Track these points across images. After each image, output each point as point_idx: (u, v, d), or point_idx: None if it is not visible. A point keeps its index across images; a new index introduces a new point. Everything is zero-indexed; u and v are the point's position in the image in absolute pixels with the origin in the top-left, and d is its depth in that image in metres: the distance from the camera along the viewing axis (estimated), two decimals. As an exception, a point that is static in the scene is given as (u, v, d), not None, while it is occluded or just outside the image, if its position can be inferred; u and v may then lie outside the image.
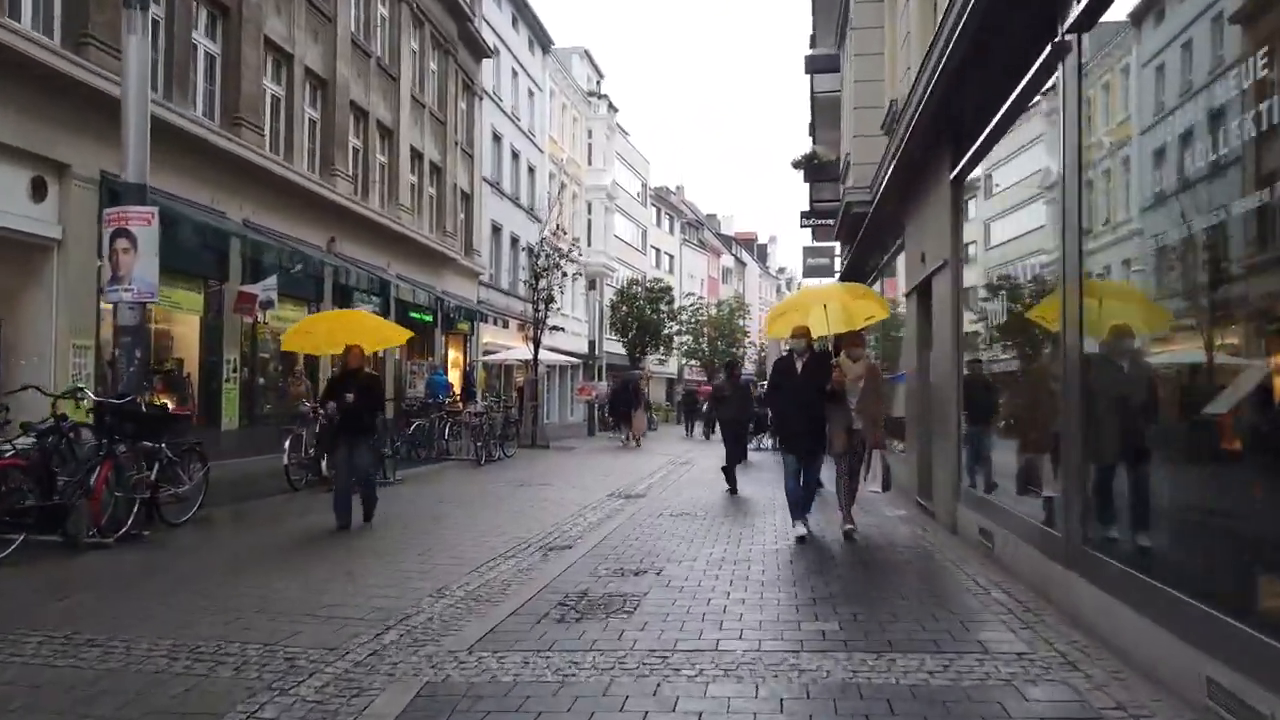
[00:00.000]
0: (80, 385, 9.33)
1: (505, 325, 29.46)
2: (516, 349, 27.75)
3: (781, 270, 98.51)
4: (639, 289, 37.42)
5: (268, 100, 16.62)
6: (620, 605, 5.50)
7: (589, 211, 42.98)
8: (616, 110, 46.05)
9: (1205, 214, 3.78)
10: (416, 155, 23.71)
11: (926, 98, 7.76)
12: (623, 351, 38.10)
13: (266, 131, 16.54)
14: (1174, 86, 4.15)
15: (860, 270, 16.39)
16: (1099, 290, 4.96)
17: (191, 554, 7.37)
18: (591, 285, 28.68)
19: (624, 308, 36.73)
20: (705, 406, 27.35)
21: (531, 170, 35.39)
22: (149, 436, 8.04)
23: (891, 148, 10.42)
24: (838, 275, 19.74)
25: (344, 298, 19.36)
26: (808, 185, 26.38)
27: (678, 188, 69.46)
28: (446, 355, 27.05)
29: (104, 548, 7.23)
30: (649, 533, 8.46)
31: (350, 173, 19.61)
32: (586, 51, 44.12)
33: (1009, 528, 6.44)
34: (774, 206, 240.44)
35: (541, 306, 22.86)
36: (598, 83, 45.97)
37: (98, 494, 7.21)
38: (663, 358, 45.91)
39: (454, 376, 27.94)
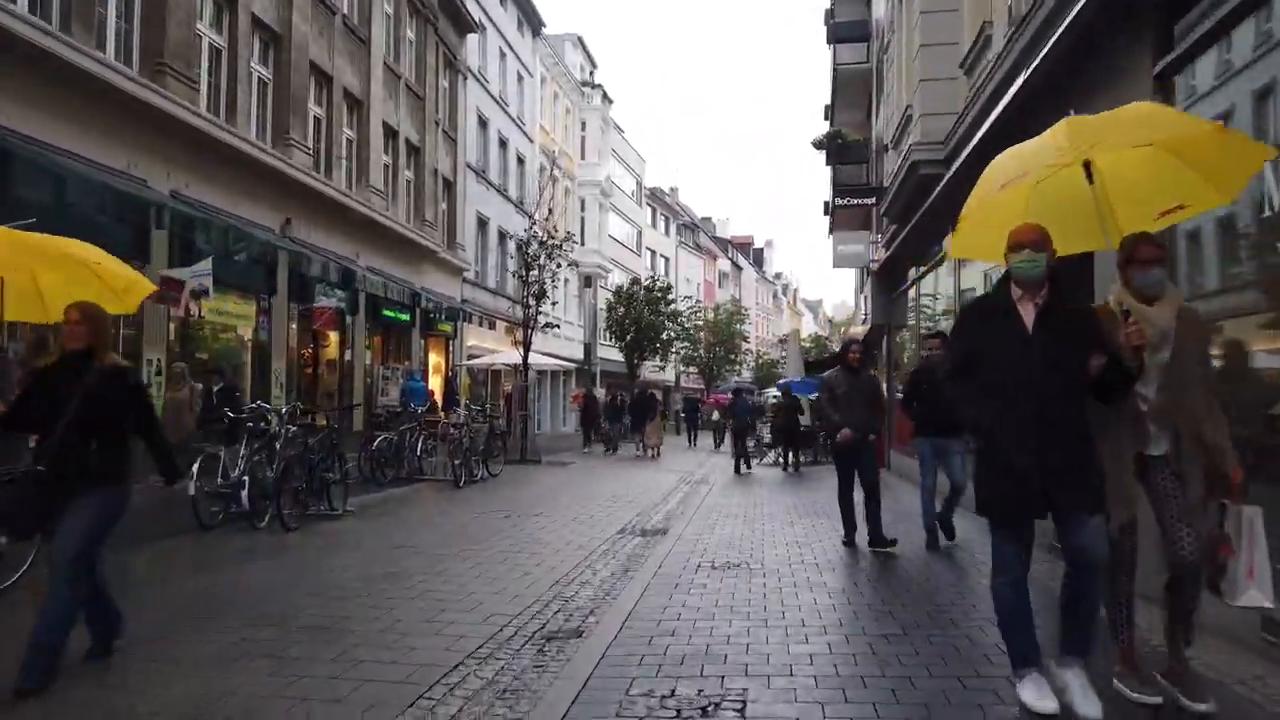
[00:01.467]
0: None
1: (492, 326, 26.77)
2: (504, 353, 25.02)
3: (778, 275, 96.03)
4: (638, 289, 34.76)
5: (204, 49, 13.92)
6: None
7: (582, 208, 40.36)
8: (611, 102, 43.47)
9: None
10: (390, 133, 21.01)
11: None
12: (619, 357, 35.40)
13: (203, 87, 13.85)
14: None
15: (916, 253, 13.76)
16: None
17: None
18: (587, 283, 25.98)
19: (620, 309, 34.06)
20: (714, 416, 24.80)
21: (521, 160, 32.74)
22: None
23: (1003, 69, 7.79)
24: (874, 265, 17.16)
25: (303, 290, 16.63)
26: (830, 169, 23.84)
27: (672, 189, 66.96)
28: (426, 359, 24.31)
29: None
30: (695, 605, 5.76)
31: (310, 145, 16.89)
32: (580, 39, 41.55)
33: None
34: (771, 210, 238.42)
35: (532, 303, 20.16)
36: (591, 73, 43.41)
37: None
38: (661, 364, 43.23)
39: (435, 383, 25.24)
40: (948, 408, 4.38)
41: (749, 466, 17.57)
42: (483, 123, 28.55)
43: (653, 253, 55.61)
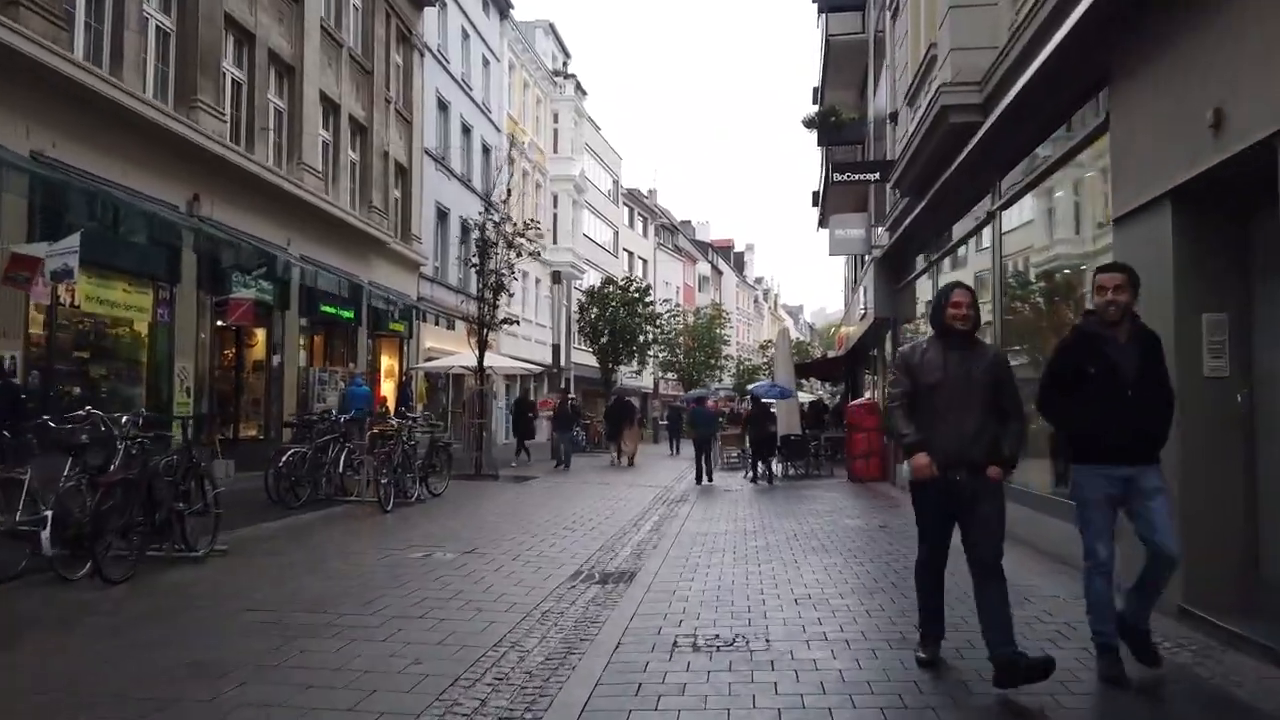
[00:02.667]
0: None
1: (452, 326, 24.42)
2: (464, 355, 22.68)
3: (759, 280, 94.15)
4: (613, 289, 32.54)
5: (81, -17, 11.61)
6: None
7: (555, 205, 38.12)
8: (585, 94, 41.31)
9: None
10: (331, 106, 18.71)
11: None
12: (593, 362, 33.14)
13: (77, 31, 11.54)
14: None
15: (939, 227, 11.64)
16: None
17: None
18: (556, 280, 23.72)
19: (594, 310, 31.81)
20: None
21: (487, 150, 30.47)
22: None
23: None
24: (877, 252, 15.04)
25: (216, 279, 14.30)
26: (822, 151, 21.79)
27: (651, 191, 64.90)
28: (376, 362, 21.98)
29: None
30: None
31: (223, 109, 14.55)
32: (551, 25, 39.39)
33: None
34: (751, 215, 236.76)
35: (489, 296, 17.87)
36: (564, 63, 41.22)
37: None
38: (637, 369, 40.99)
39: (388, 389, 22.88)
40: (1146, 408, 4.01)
41: (710, 477, 16.32)
42: (443, 106, 26.27)
43: (630, 254, 53.46)
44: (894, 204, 13.58)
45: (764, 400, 17.66)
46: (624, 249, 52.29)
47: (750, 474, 17.08)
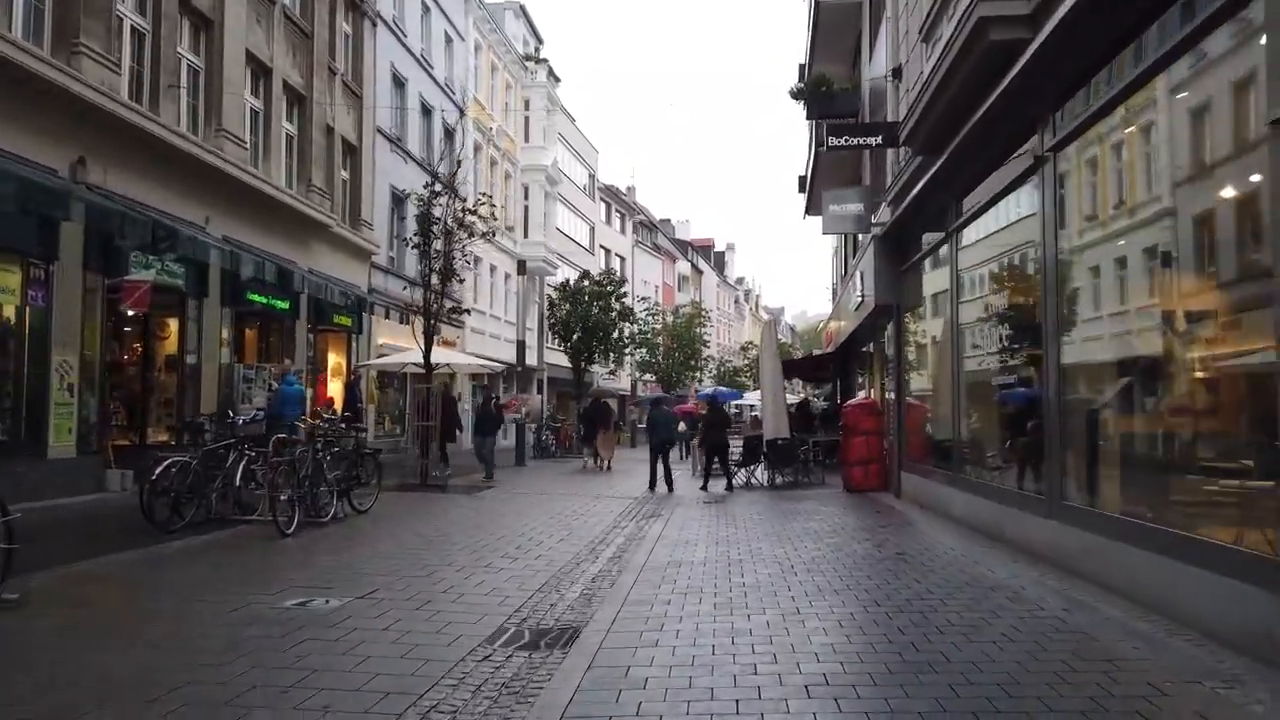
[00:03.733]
0: None
1: (405, 321, 22.33)
2: (417, 351, 20.62)
3: (740, 280, 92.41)
4: (586, 284, 30.58)
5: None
6: None
7: (526, 196, 36.12)
8: (558, 80, 39.34)
9: None
10: (260, 69, 16.64)
11: None
12: (565, 362, 31.15)
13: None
14: None
15: (962, 186, 9.75)
16: None
17: None
18: (521, 270, 21.72)
19: (566, 306, 29.81)
20: (681, 428, 20.95)
21: (450, 134, 28.41)
22: None
23: None
24: (878, 229, 13.14)
25: (109, 257, 12.22)
26: (810, 126, 19.93)
27: (629, 188, 62.91)
28: (320, 359, 19.91)
29: None
30: None
31: (117, 58, 12.47)
32: (523, 7, 37.36)
33: None
34: (732, 216, 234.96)
35: (435, 281, 15.79)
36: (536, 48, 39.20)
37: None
38: (612, 370, 39.06)
39: (336, 389, 20.81)
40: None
41: (670, 486, 14.83)
42: (399, 82, 24.21)
43: (607, 251, 51.51)
44: (898, 173, 11.70)
45: (720, 403, 15.88)
46: (601, 245, 50.34)
47: (702, 483, 15.29)
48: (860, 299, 14.77)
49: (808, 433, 18.14)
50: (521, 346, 21.45)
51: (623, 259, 55.03)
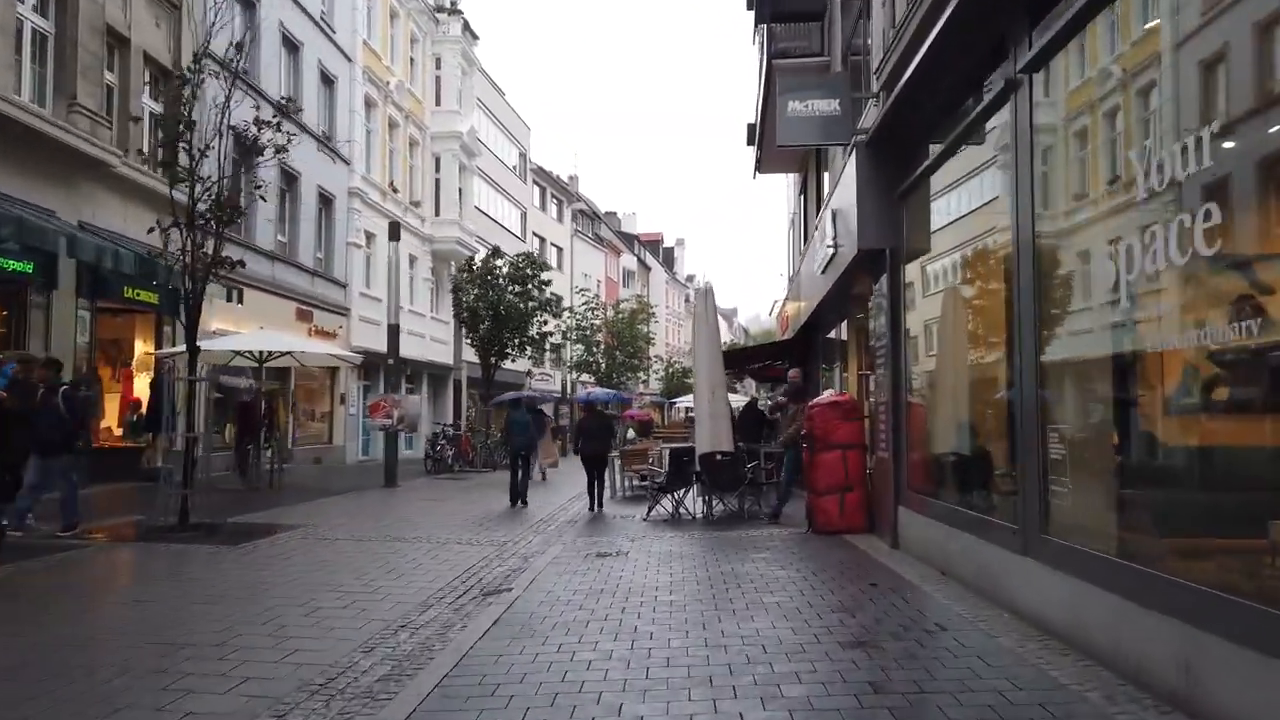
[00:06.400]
0: None
1: (229, 298, 17.39)
2: (249, 336, 15.67)
3: (690, 278, 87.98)
4: (501, 264, 25.90)
5: None
6: None
7: (437, 168, 31.27)
8: (476, 38, 34.50)
9: None
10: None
11: None
12: (475, 358, 26.34)
13: None
14: None
15: (974, 67, 5.22)
16: None
17: None
18: (393, 235, 16.90)
19: (473, 291, 25.04)
20: (630, 435, 16.99)
21: (329, 81, 23.48)
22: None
23: None
24: (862, 136, 8.62)
25: None
26: (763, 30, 15.46)
27: (571, 178, 58.15)
28: (108, 347, 14.90)
29: None
30: None
31: None
32: (433, -49, 32.43)
33: None
34: (681, 215, 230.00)
35: (203, 214, 10.44)
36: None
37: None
38: (528, 368, 34.32)
39: (142, 387, 15.80)
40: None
41: (524, 501, 13.28)
42: (247, 2, 19.24)
43: (542, 240, 46.70)
44: (900, 24, 7.17)
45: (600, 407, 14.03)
46: (534, 233, 45.54)
47: (591, 503, 12.63)
48: (831, 250, 10.20)
49: (755, 440, 13.65)
50: (394, 332, 16.58)
51: (560, 249, 50.30)
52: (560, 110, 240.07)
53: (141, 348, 16.06)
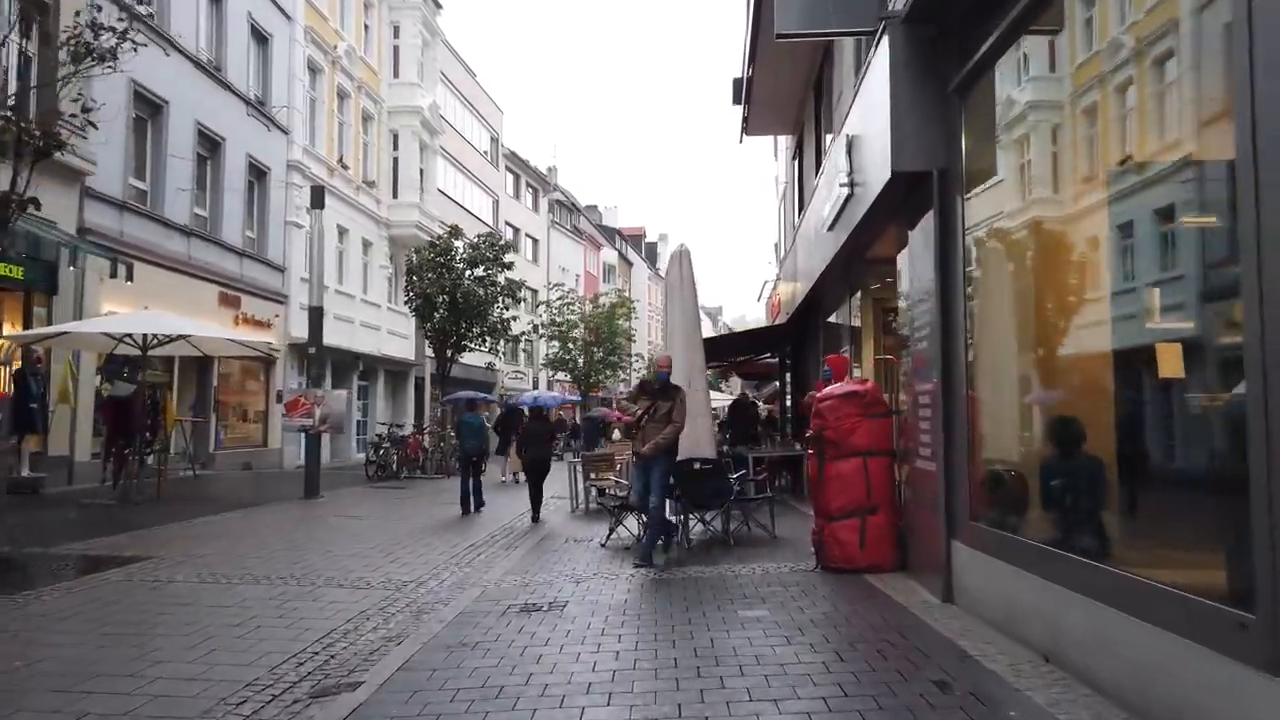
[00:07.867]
0: None
1: (119, 276, 14.71)
2: (152, 317, 13.02)
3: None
4: (459, 244, 23.32)
5: None
6: None
7: (395, 145, 28.63)
8: (440, 7, 31.84)
9: None
10: None
11: None
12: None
13: None
14: None
15: None
16: None
17: None
18: (317, 204, 14.28)
19: (430, 275, 22.43)
20: (616, 436, 15.13)
21: (263, 39, 20.81)
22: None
23: None
24: (903, 12, 6.15)
25: None
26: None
27: (550, 169, 55.48)
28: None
29: None
30: None
31: None
32: (391, -89, 29.74)
33: None
34: (665, 212, 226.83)
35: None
36: (413, -35, 31.62)
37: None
38: (490, 364, 31.74)
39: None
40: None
41: (479, 507, 12.32)
42: (153, -66, 16.55)
43: (516, 230, 44.06)
44: None
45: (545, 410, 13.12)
46: (507, 223, 42.89)
47: (533, 513, 11.27)
48: (846, 191, 7.65)
49: (747, 443, 11.15)
50: (317, 315, 13.98)
51: (535, 240, 47.71)
52: (541, 105, 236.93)
53: (8, 330, 13.38)
